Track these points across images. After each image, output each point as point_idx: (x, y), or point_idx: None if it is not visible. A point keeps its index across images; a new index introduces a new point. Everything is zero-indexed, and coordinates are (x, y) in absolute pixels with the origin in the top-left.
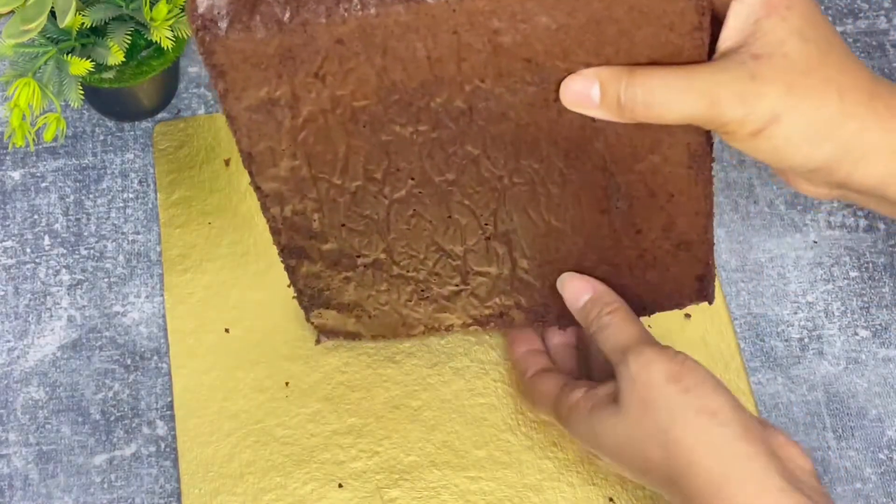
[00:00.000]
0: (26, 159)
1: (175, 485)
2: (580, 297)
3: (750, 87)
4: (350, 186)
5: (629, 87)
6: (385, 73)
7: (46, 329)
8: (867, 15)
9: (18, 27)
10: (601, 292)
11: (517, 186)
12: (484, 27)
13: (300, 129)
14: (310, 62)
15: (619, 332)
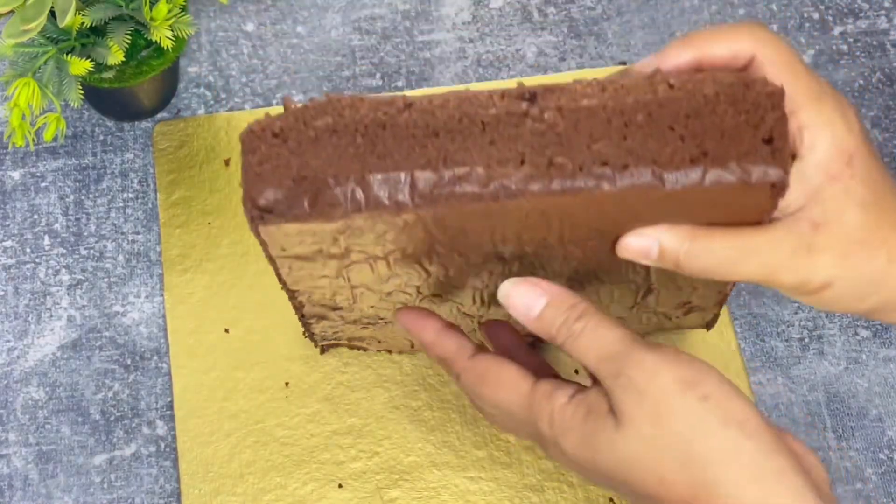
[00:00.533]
0: (26, 159)
1: (175, 485)
2: (533, 307)
3: (807, 261)
4: (387, 288)
5: (689, 252)
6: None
7: (46, 329)
8: (867, 15)
9: (18, 27)
10: (558, 295)
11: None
12: (556, 209)
13: (347, 266)
14: (370, 231)
15: (598, 338)
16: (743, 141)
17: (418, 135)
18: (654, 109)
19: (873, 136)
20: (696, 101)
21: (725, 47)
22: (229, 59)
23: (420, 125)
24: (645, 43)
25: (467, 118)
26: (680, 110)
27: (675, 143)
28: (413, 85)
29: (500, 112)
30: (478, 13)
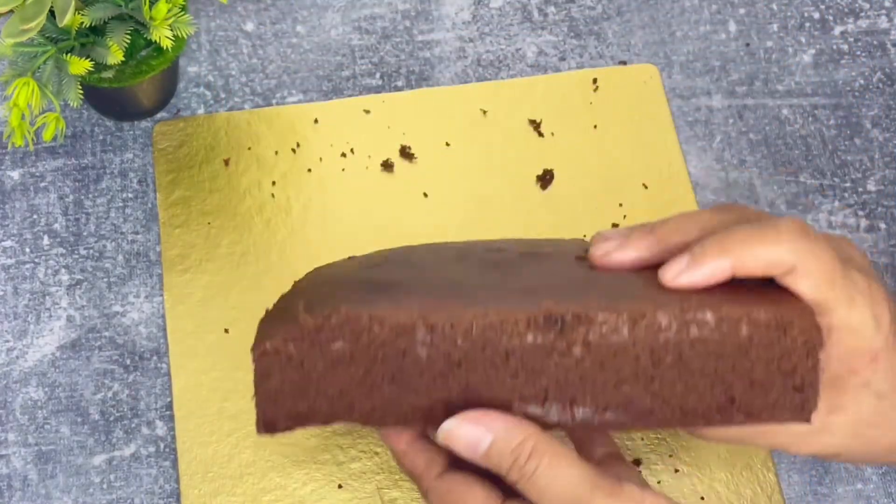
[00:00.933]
0: (25, 159)
1: (175, 485)
2: (478, 445)
3: (819, 438)
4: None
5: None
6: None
7: (45, 329)
8: (868, 14)
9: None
10: (504, 431)
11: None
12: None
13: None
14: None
15: (554, 480)
16: (773, 389)
17: (438, 365)
18: (685, 350)
19: (873, 136)
20: (730, 345)
21: (764, 258)
22: (229, 59)
23: (441, 353)
24: (645, 43)
25: (491, 347)
26: (712, 353)
27: (704, 390)
28: (413, 84)
29: (526, 343)
30: (478, 13)
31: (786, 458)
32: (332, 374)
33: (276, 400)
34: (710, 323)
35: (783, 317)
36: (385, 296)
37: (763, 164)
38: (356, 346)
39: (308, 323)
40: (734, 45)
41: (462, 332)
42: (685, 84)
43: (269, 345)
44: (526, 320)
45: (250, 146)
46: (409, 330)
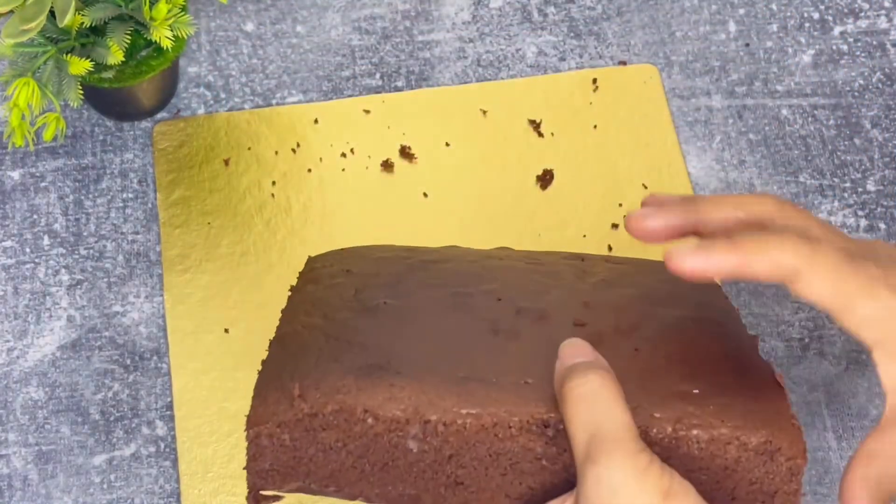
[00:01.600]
0: (26, 159)
1: (175, 485)
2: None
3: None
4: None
5: None
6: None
7: (46, 329)
8: (867, 14)
9: (18, 27)
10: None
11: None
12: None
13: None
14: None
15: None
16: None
17: (429, 458)
18: (673, 462)
19: (873, 136)
20: (717, 464)
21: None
22: (229, 59)
23: (432, 448)
24: (645, 43)
25: (482, 446)
26: (699, 468)
27: None
28: (413, 84)
29: (517, 446)
30: (478, 13)
31: None
32: (323, 458)
33: (266, 478)
34: (701, 442)
35: (772, 442)
36: (380, 381)
37: (763, 164)
38: (349, 436)
39: (302, 410)
40: (734, 45)
41: (454, 431)
42: (685, 84)
43: (264, 430)
44: (518, 425)
45: (250, 146)
46: (403, 425)
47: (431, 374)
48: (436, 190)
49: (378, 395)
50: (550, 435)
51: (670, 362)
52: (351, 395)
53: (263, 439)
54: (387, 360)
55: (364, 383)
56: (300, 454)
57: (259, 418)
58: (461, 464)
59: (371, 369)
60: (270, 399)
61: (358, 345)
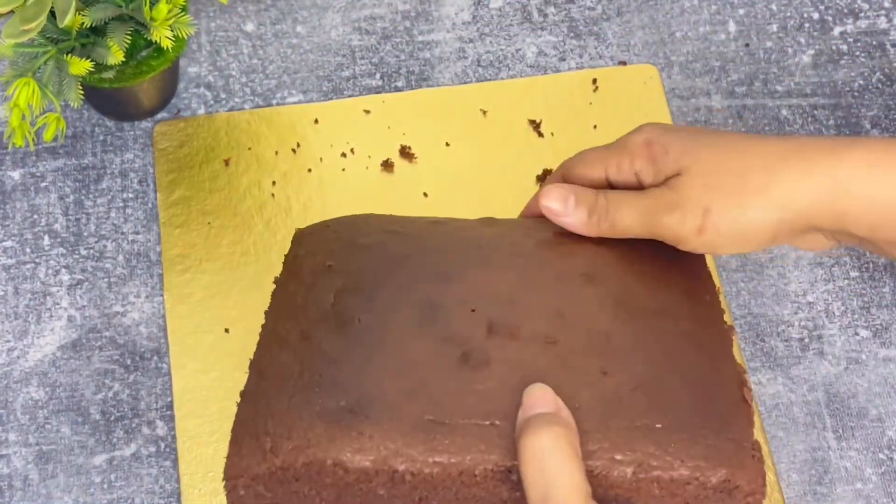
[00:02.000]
0: (26, 159)
1: (175, 485)
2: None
3: (675, 197)
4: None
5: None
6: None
7: (46, 329)
8: (867, 15)
9: (18, 27)
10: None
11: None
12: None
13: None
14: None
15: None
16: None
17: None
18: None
19: (873, 136)
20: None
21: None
22: (229, 59)
23: (401, 493)
24: (645, 43)
25: (448, 490)
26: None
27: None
28: (413, 85)
29: (482, 492)
30: (478, 13)
31: (786, 458)
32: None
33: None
34: (661, 482)
35: (730, 481)
36: (349, 430)
37: None
38: (321, 485)
39: (275, 464)
40: (734, 45)
41: (421, 479)
42: (685, 84)
43: (240, 482)
44: (483, 473)
45: (250, 146)
46: (372, 476)
47: (399, 419)
48: (436, 190)
49: (346, 447)
50: (515, 480)
51: (637, 387)
52: (321, 448)
53: (240, 489)
54: (356, 401)
55: (334, 432)
56: (276, 500)
57: (234, 471)
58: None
59: (341, 413)
60: (245, 450)
61: (330, 380)
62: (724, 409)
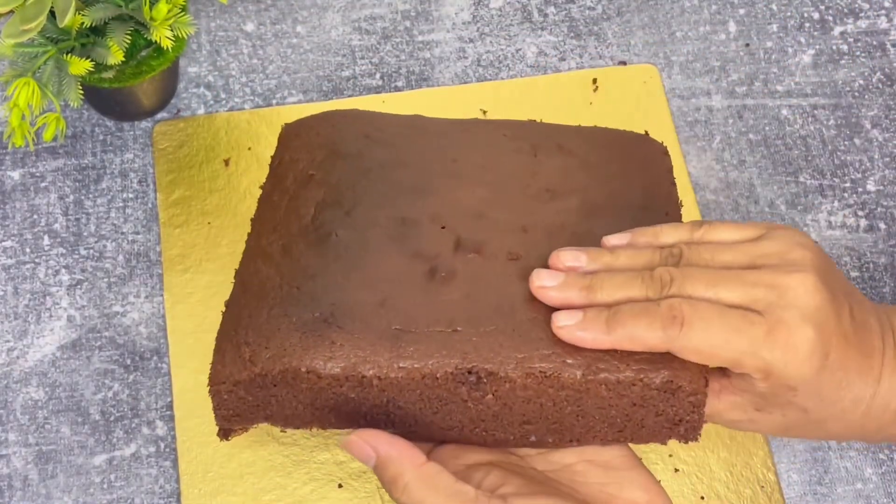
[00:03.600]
0: (26, 159)
1: (175, 485)
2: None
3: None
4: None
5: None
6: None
7: (46, 329)
8: (867, 14)
9: (18, 27)
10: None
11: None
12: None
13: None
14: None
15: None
16: (660, 431)
17: (368, 404)
18: (586, 403)
19: (873, 136)
20: (625, 402)
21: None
22: (229, 59)
23: (370, 396)
24: (645, 43)
25: (413, 393)
26: (609, 405)
27: (599, 429)
28: (413, 85)
29: (444, 392)
30: (478, 13)
31: (786, 458)
32: (277, 405)
33: (231, 420)
34: (608, 384)
35: (673, 382)
36: (321, 340)
37: (763, 164)
38: (297, 389)
39: (254, 371)
40: (734, 45)
41: (388, 383)
42: (685, 84)
43: (223, 387)
44: (445, 376)
45: (250, 146)
46: (342, 381)
47: (368, 329)
48: None
49: (319, 356)
50: (473, 381)
51: None
52: (296, 357)
53: (223, 394)
54: (330, 313)
55: (308, 342)
56: (257, 403)
57: (218, 377)
58: (397, 405)
59: (315, 325)
60: (227, 359)
61: (307, 293)
62: None
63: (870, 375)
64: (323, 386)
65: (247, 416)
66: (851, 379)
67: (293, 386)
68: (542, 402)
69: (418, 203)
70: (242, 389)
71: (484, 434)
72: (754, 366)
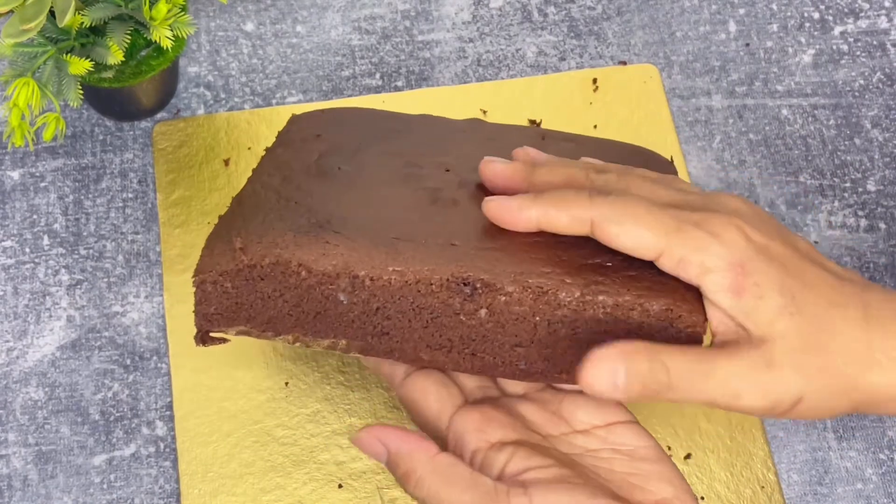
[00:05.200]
0: (25, 159)
1: (175, 485)
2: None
3: (767, 379)
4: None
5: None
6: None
7: (45, 329)
8: (868, 14)
9: (17, 27)
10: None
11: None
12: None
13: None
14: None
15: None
16: None
17: (357, 309)
18: (580, 326)
19: (873, 136)
20: (622, 327)
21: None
22: (229, 59)
23: (360, 300)
24: (645, 43)
25: (405, 301)
26: (605, 331)
27: None
28: (413, 84)
29: (437, 301)
30: (478, 13)
31: (786, 458)
32: (262, 305)
33: (211, 321)
34: (606, 307)
35: (672, 310)
36: (316, 239)
37: (763, 164)
38: (285, 286)
39: (242, 261)
40: (734, 45)
41: (380, 286)
42: (685, 84)
43: (208, 277)
44: (439, 282)
45: (250, 146)
46: (333, 279)
47: (365, 234)
48: None
49: (313, 251)
50: (468, 292)
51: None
52: (288, 250)
53: (208, 286)
54: (327, 220)
55: (302, 240)
56: (241, 301)
57: (204, 267)
58: (387, 315)
59: (310, 227)
60: (216, 251)
61: (305, 206)
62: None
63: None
64: (312, 283)
65: (228, 315)
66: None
67: (281, 282)
68: (537, 323)
69: (423, 153)
70: (228, 281)
71: (472, 357)
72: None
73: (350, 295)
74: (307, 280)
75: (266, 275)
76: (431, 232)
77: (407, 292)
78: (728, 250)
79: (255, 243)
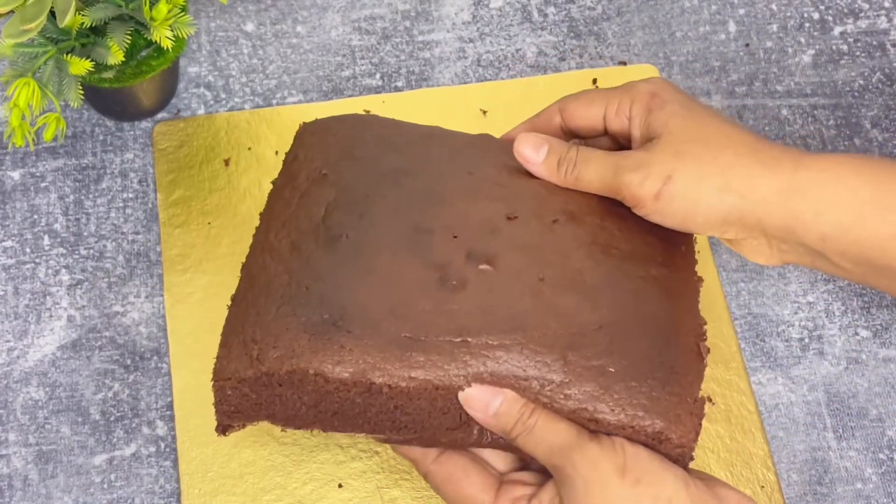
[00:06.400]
0: (26, 159)
1: (175, 485)
2: (490, 405)
3: (644, 157)
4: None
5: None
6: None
7: (46, 329)
8: (867, 15)
9: (18, 27)
10: (512, 394)
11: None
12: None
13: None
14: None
15: (549, 432)
16: None
17: (374, 409)
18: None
19: (873, 136)
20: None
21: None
22: (229, 59)
23: (377, 402)
24: (645, 43)
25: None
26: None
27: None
28: (413, 85)
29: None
30: (478, 13)
31: (786, 458)
32: (281, 405)
33: (232, 417)
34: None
35: (663, 433)
36: (330, 343)
37: None
38: (302, 391)
39: (260, 370)
40: (734, 45)
41: (397, 392)
42: (685, 84)
43: (227, 384)
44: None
45: (250, 146)
46: (350, 386)
47: (378, 335)
48: None
49: (328, 360)
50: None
51: (601, 328)
52: (304, 358)
53: (228, 390)
54: (340, 315)
55: (317, 344)
56: (260, 401)
57: (223, 374)
58: (405, 412)
59: (325, 327)
60: (234, 354)
61: (317, 295)
62: (676, 362)
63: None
64: (330, 389)
65: (248, 413)
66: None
67: (299, 387)
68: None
69: (431, 211)
70: (247, 387)
71: (488, 440)
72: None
73: (367, 398)
74: (325, 387)
75: (284, 382)
76: (442, 328)
77: (423, 394)
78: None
79: (270, 348)
